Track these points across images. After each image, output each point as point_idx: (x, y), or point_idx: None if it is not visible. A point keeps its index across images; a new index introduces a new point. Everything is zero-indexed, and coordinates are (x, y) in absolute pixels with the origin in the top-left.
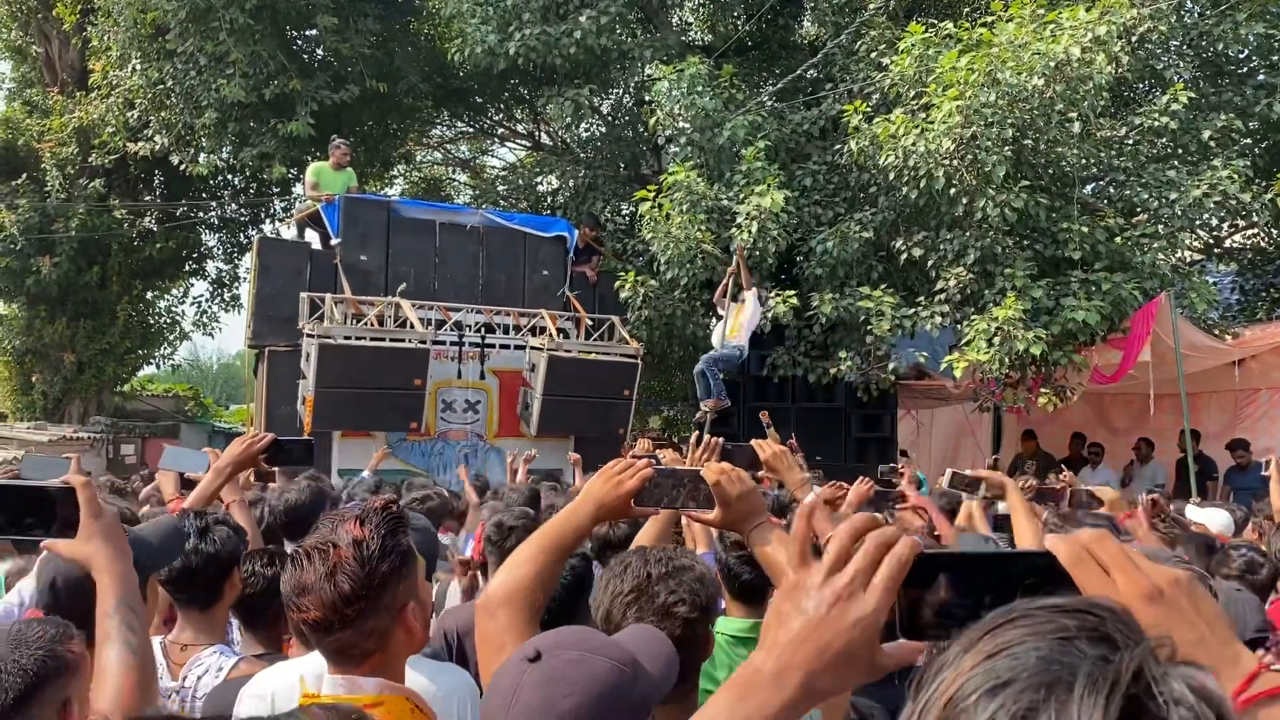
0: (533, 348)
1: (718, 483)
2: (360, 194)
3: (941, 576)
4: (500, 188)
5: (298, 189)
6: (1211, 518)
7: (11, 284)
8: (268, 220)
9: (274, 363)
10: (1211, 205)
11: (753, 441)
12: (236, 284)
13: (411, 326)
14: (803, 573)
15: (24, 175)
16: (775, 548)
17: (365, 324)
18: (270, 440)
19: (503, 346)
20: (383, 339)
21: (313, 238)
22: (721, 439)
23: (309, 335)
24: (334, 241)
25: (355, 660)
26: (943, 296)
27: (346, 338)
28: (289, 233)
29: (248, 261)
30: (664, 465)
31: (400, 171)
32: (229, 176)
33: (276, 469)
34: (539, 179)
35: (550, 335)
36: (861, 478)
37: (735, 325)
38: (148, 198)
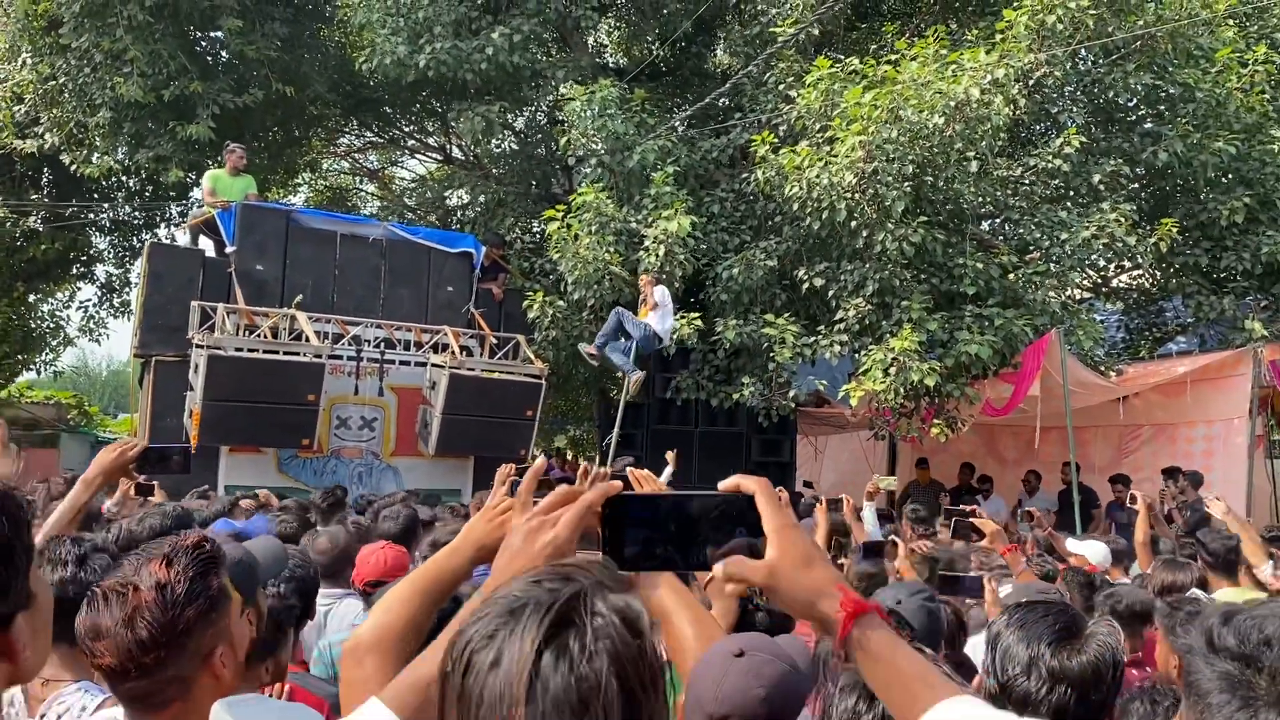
0: (434, 365)
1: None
2: (260, 201)
3: (634, 515)
4: (409, 199)
5: (196, 193)
6: (1089, 550)
7: None
8: (163, 224)
9: (161, 373)
10: (1100, 246)
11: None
12: (128, 289)
13: (307, 340)
14: (518, 519)
15: None
16: (664, 594)
17: (258, 336)
18: (143, 448)
19: (403, 363)
20: (276, 352)
21: (207, 245)
22: (608, 471)
23: (198, 345)
24: (229, 249)
25: (154, 708)
26: (842, 326)
27: (238, 349)
28: (183, 239)
29: (140, 266)
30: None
31: (305, 179)
32: (123, 178)
33: (156, 484)
34: (449, 192)
35: (453, 352)
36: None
37: (643, 317)
38: (34, 196)
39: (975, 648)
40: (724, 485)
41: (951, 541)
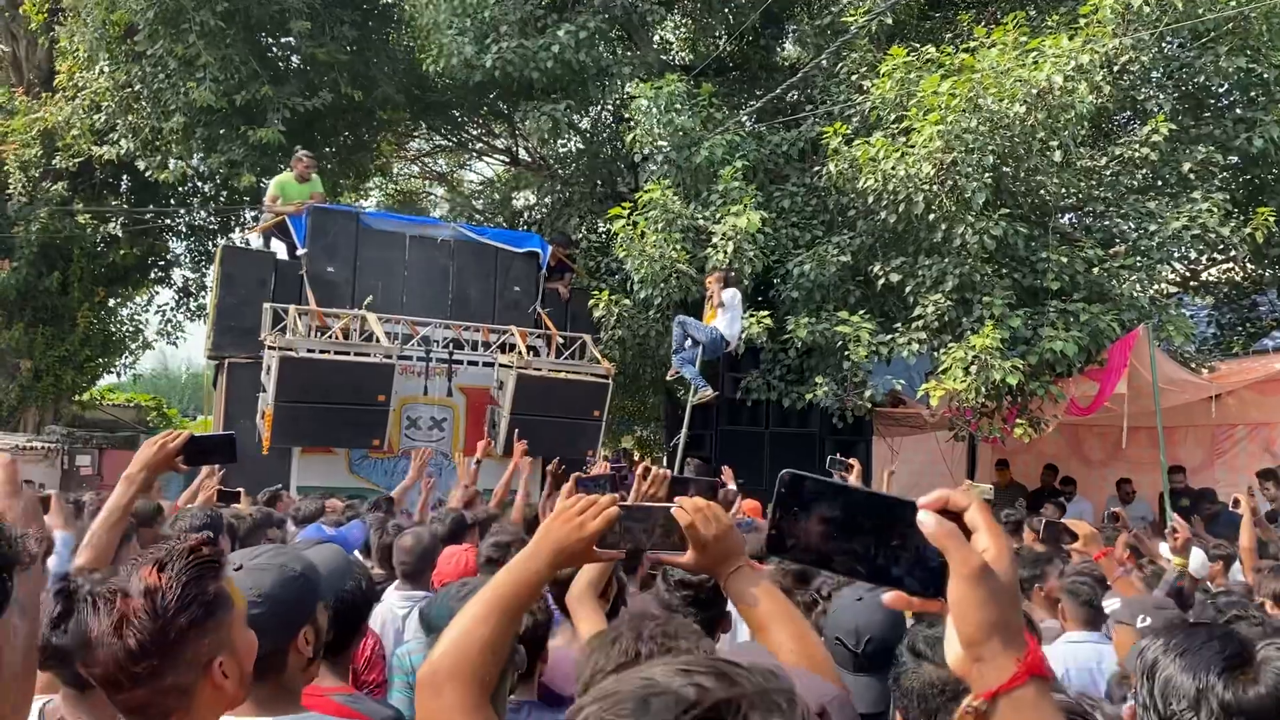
0: (502, 365)
1: (692, 524)
2: (327, 204)
3: (803, 503)
4: (476, 202)
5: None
6: (1190, 556)
7: None
8: (237, 228)
9: (234, 375)
10: (1190, 238)
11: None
12: (203, 293)
13: (377, 341)
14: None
15: None
16: (761, 603)
17: (329, 337)
18: (186, 438)
19: (471, 363)
20: (347, 353)
21: (279, 248)
22: (668, 471)
23: (270, 347)
24: (300, 252)
25: None
26: (920, 323)
27: (309, 351)
28: (257, 241)
29: (214, 270)
30: (630, 504)
31: (376, 183)
32: (198, 183)
33: (241, 490)
34: (515, 194)
35: (520, 353)
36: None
37: (710, 319)
38: (113, 202)
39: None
40: (929, 499)
41: (1035, 544)
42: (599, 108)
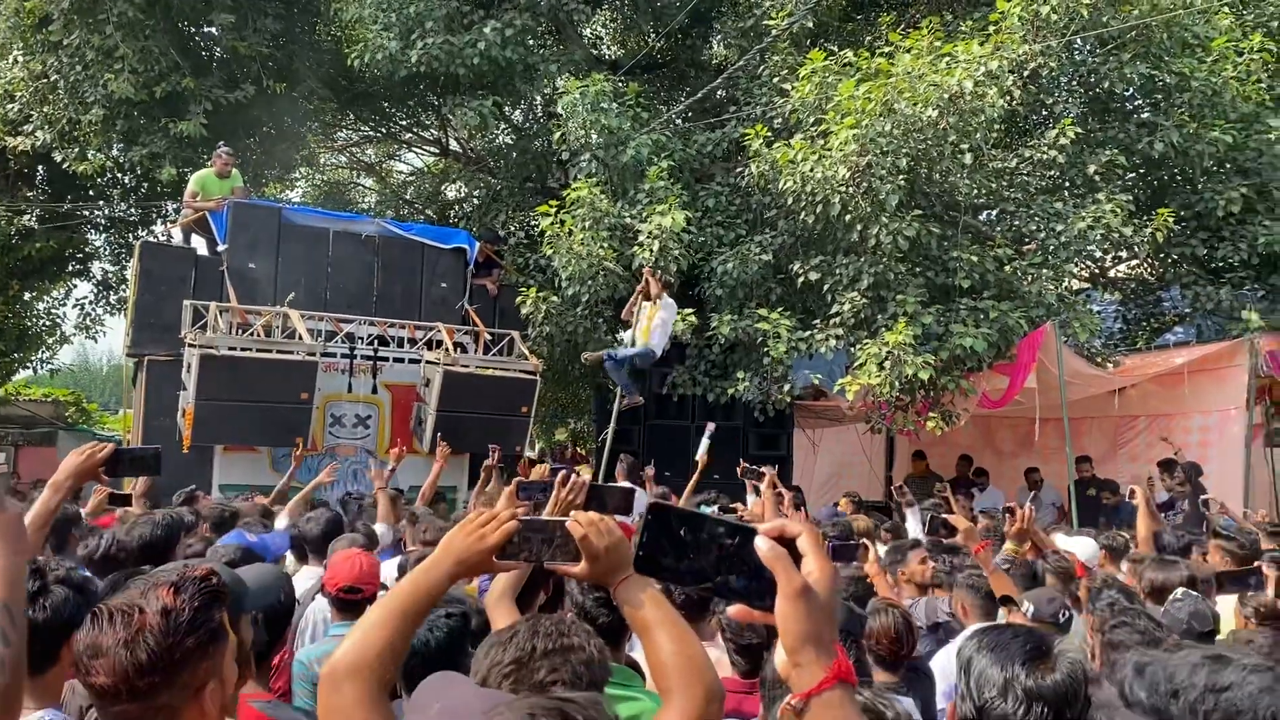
0: (428, 362)
1: (585, 536)
2: (251, 198)
3: (667, 530)
4: (406, 194)
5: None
6: (1079, 546)
7: None
8: (159, 221)
9: (154, 372)
10: (1096, 237)
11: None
12: (123, 286)
13: (300, 338)
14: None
15: None
16: (646, 608)
17: (251, 334)
18: (111, 450)
19: (396, 360)
20: (269, 350)
21: (199, 244)
22: (587, 479)
23: (191, 345)
24: (221, 248)
25: None
26: (837, 320)
27: (231, 348)
28: (177, 237)
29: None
30: (528, 517)
31: (303, 174)
32: (118, 175)
33: (135, 492)
34: (446, 186)
35: (447, 349)
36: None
37: (647, 328)
38: (29, 194)
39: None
40: (767, 528)
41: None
42: (529, 102)
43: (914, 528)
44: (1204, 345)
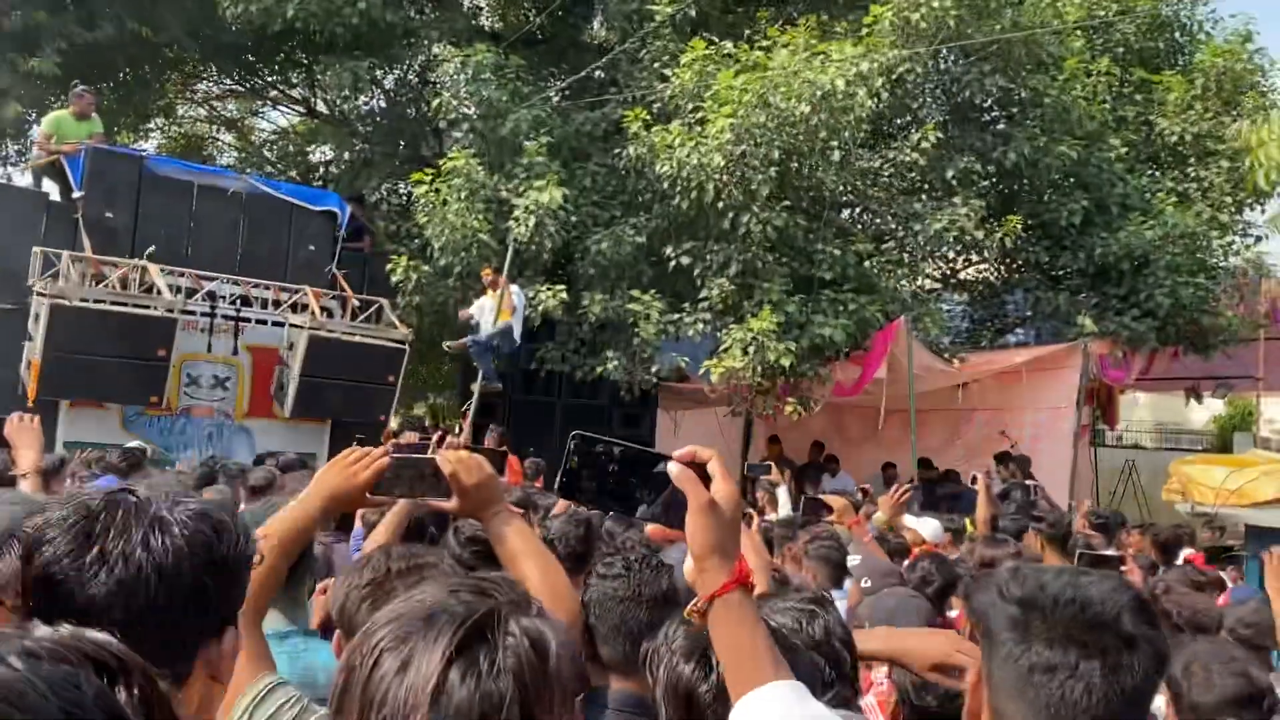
0: (293, 325)
1: (454, 472)
2: (108, 145)
3: (588, 456)
4: (268, 152)
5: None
6: (924, 526)
7: None
8: (1, 164)
9: None
10: (950, 239)
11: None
12: None
13: (159, 293)
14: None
15: None
16: (512, 539)
17: (106, 286)
18: None
19: (259, 321)
20: (125, 304)
21: (51, 188)
22: (461, 441)
23: (40, 294)
24: (76, 195)
25: None
26: (706, 305)
27: (83, 300)
28: (23, 179)
29: None
30: (399, 455)
31: (158, 124)
32: None
33: None
34: (312, 148)
35: (313, 313)
36: None
37: (503, 310)
38: None
39: None
40: (680, 453)
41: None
42: (404, 68)
43: (784, 505)
44: (1041, 346)
